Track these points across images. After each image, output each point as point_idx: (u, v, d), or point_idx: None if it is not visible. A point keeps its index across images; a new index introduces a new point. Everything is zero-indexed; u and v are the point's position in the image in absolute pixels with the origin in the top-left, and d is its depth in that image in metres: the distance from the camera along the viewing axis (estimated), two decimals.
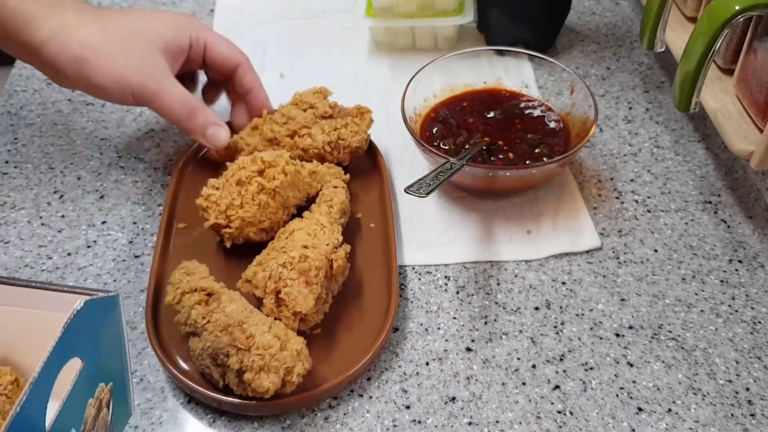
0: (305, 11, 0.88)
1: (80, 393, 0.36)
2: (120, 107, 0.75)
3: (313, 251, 0.52)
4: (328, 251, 0.53)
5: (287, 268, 0.50)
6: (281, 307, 0.50)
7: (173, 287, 0.51)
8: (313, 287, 0.50)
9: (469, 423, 0.49)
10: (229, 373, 0.47)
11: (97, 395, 0.38)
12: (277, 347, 0.46)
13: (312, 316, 0.52)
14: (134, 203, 0.65)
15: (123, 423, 0.42)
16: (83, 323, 0.35)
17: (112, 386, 0.40)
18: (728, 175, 0.65)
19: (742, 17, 0.49)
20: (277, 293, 0.50)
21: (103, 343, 0.39)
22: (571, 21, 0.83)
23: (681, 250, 0.59)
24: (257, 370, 0.45)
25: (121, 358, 0.42)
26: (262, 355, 0.45)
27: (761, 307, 0.55)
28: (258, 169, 0.56)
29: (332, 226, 0.55)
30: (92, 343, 0.37)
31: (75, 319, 0.34)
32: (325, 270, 0.52)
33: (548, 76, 0.71)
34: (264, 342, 0.46)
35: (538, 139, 0.64)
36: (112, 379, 0.40)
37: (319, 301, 0.51)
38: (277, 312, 0.50)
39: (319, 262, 0.51)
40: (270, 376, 0.45)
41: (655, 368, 0.51)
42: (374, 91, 0.76)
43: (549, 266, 0.59)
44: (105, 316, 0.39)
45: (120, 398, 0.42)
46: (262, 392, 0.45)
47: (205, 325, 0.48)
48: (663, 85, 0.75)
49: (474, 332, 0.54)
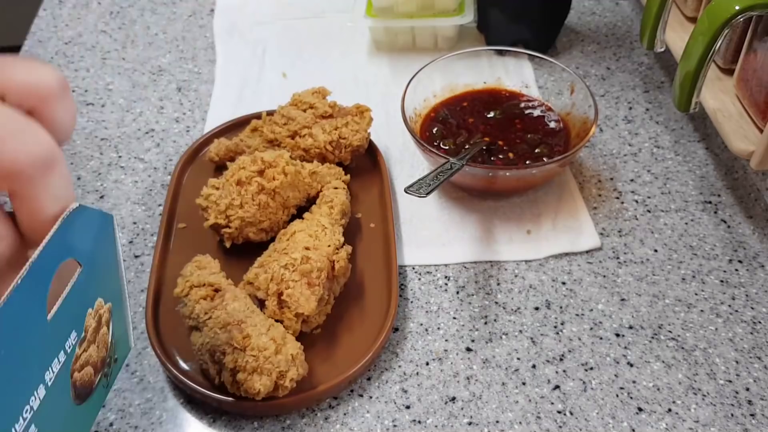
0: (305, 11, 0.88)
1: (79, 297, 0.36)
2: (120, 107, 0.75)
3: (314, 253, 0.52)
4: (330, 252, 0.53)
5: (289, 269, 0.51)
6: (283, 308, 0.50)
7: (183, 279, 0.52)
8: (315, 289, 0.50)
9: (469, 423, 0.49)
10: (224, 371, 0.47)
11: (97, 308, 0.38)
12: (272, 350, 0.46)
13: (314, 318, 0.52)
14: (134, 203, 0.65)
15: (123, 353, 0.41)
16: (79, 226, 0.34)
17: (111, 308, 0.40)
18: (728, 175, 0.65)
19: (742, 17, 0.49)
20: (279, 295, 0.50)
21: (99, 257, 0.38)
22: (571, 21, 0.83)
23: (681, 250, 0.59)
24: (250, 371, 0.45)
25: (118, 282, 0.41)
26: (256, 357, 0.45)
27: (761, 307, 0.55)
28: (258, 169, 0.56)
29: (333, 227, 0.55)
30: (89, 251, 0.36)
31: (71, 217, 0.33)
32: (326, 271, 0.52)
33: (548, 76, 0.71)
34: (260, 344, 0.46)
35: (538, 139, 0.64)
36: (111, 301, 0.40)
37: (321, 302, 0.51)
38: (279, 314, 0.50)
39: (320, 263, 0.51)
40: (262, 379, 0.45)
41: (655, 368, 0.51)
42: (374, 91, 0.76)
43: (549, 266, 0.59)
44: (101, 231, 0.38)
45: (119, 325, 0.41)
46: (253, 394, 0.45)
47: (207, 320, 0.48)
48: (663, 85, 0.75)
49: (474, 332, 0.54)
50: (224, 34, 0.85)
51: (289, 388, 0.47)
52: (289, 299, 0.49)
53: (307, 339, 0.51)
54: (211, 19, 0.87)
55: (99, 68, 0.81)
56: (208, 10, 0.89)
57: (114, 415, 0.50)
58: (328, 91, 0.66)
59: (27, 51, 0.83)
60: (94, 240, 0.38)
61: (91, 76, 0.80)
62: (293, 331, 0.50)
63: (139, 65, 0.81)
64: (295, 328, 0.50)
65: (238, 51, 0.82)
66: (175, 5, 0.90)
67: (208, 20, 0.87)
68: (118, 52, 0.83)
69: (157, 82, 0.78)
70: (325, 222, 0.55)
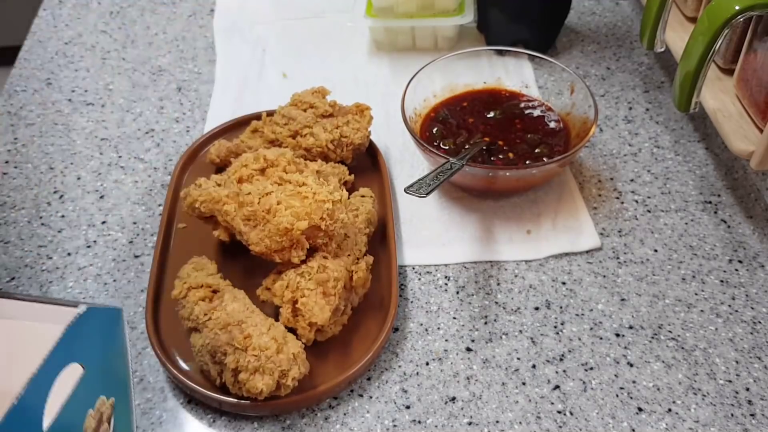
0: (305, 11, 0.88)
1: (80, 400, 0.36)
2: (120, 107, 0.75)
3: (332, 262, 0.51)
4: (349, 262, 0.52)
5: (305, 277, 0.50)
6: (297, 317, 0.49)
7: (180, 281, 0.51)
8: (330, 299, 0.49)
9: (469, 423, 0.49)
10: (226, 372, 0.47)
11: (98, 407, 0.38)
12: (273, 349, 0.46)
13: (329, 328, 0.51)
14: (134, 203, 0.65)
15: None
16: (85, 329, 0.35)
17: (114, 402, 0.40)
18: (728, 175, 0.65)
19: (742, 17, 0.49)
20: (293, 303, 0.49)
21: (105, 355, 0.39)
22: (571, 21, 0.83)
23: (681, 250, 0.59)
24: (252, 371, 0.45)
25: (124, 375, 0.42)
26: (258, 357, 0.45)
27: (761, 307, 0.55)
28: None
29: (356, 236, 0.55)
30: (93, 352, 0.37)
31: (77, 323, 0.33)
32: (344, 281, 0.51)
33: (548, 76, 0.71)
34: (261, 343, 0.46)
35: (538, 139, 0.64)
36: (114, 395, 0.40)
37: (336, 312, 0.50)
38: (293, 321, 0.49)
39: (338, 273, 0.50)
40: (264, 378, 0.45)
41: (655, 368, 0.51)
42: (374, 91, 0.76)
43: (549, 266, 0.59)
44: (107, 328, 0.38)
45: (122, 417, 0.41)
46: (255, 393, 0.45)
47: (206, 321, 0.48)
48: (663, 85, 0.75)
49: (474, 332, 0.54)
50: (224, 34, 0.85)
51: (291, 387, 0.47)
52: (303, 308, 0.48)
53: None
54: (211, 19, 0.87)
55: (99, 68, 0.81)
56: (208, 10, 0.89)
57: None
58: (327, 91, 0.66)
59: (27, 51, 0.83)
60: (100, 338, 0.38)
61: (91, 76, 0.80)
62: (306, 339, 0.49)
63: (139, 65, 0.81)
64: (308, 337, 0.49)
65: (238, 51, 0.82)
66: (175, 5, 0.90)
67: (208, 20, 0.87)
68: (118, 52, 0.83)
69: (157, 82, 0.78)
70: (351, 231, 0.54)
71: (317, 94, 0.66)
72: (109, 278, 0.59)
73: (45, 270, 0.59)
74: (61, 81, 0.79)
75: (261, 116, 0.66)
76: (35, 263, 0.60)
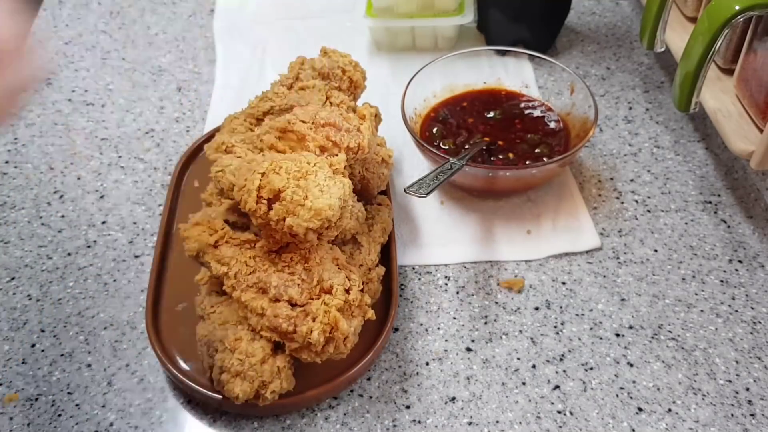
0: (305, 11, 0.88)
1: None
2: (120, 107, 0.75)
3: (355, 274, 0.48)
4: (362, 273, 0.51)
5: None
6: (327, 344, 0.45)
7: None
8: (355, 320, 0.46)
9: (469, 423, 0.49)
10: (214, 368, 0.47)
11: None
12: (258, 358, 0.45)
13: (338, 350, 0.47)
14: (134, 203, 0.65)
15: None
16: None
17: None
18: (728, 175, 0.65)
19: (742, 17, 0.49)
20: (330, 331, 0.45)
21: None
22: (571, 21, 0.83)
23: (681, 250, 0.59)
24: (234, 374, 0.45)
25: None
26: (241, 361, 0.45)
27: (761, 307, 0.55)
28: None
29: (370, 245, 0.54)
30: None
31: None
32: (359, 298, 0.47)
33: (548, 76, 0.71)
34: (249, 349, 0.45)
35: (538, 139, 0.64)
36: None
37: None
38: (321, 349, 0.45)
39: (355, 295, 0.47)
40: (243, 384, 0.45)
41: (655, 368, 0.51)
42: (374, 91, 0.75)
43: (549, 266, 0.59)
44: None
45: None
46: (231, 397, 0.45)
47: (210, 314, 0.48)
48: (663, 85, 0.75)
49: (474, 332, 0.54)
50: (224, 34, 0.85)
51: (270, 400, 0.46)
52: (338, 338, 0.45)
53: None
54: (211, 19, 0.87)
55: (99, 68, 0.81)
56: (208, 10, 0.89)
57: (114, 415, 0.50)
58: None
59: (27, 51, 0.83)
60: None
61: (91, 76, 0.80)
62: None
63: (139, 65, 0.81)
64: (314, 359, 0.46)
65: (238, 51, 0.82)
66: (175, 5, 0.90)
67: (208, 20, 0.87)
68: (118, 52, 0.83)
69: (157, 82, 0.78)
70: (363, 240, 0.53)
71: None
72: (109, 278, 0.59)
73: (45, 270, 0.59)
74: (61, 81, 0.79)
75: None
76: (35, 263, 0.60)
